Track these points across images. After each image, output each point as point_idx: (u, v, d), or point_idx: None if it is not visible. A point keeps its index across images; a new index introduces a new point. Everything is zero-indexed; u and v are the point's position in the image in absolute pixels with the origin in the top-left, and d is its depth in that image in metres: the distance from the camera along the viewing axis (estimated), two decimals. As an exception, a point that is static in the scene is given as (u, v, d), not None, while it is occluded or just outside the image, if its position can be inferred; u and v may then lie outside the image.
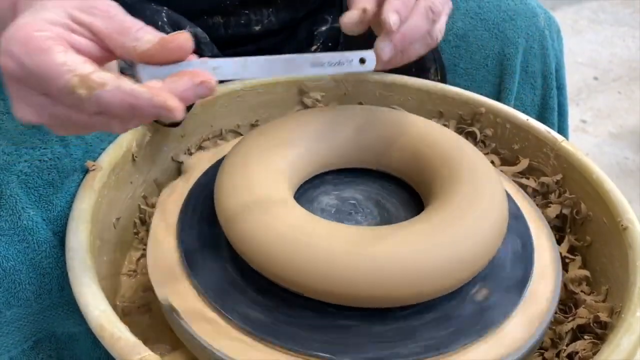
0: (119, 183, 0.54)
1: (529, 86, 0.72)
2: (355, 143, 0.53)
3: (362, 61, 0.46)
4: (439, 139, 0.51)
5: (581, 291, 0.51)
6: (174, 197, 0.53)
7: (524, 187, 0.59)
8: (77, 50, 0.37)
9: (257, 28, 0.68)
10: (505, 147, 0.63)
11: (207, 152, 0.60)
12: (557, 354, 0.47)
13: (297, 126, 0.52)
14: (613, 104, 1.76)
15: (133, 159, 0.55)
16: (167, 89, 0.37)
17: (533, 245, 0.50)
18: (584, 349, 0.45)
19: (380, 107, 0.56)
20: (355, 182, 0.54)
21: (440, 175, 0.48)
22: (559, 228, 0.57)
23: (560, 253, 0.52)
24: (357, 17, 0.48)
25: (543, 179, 0.59)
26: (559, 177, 0.57)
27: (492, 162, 0.62)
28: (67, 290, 0.45)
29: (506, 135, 0.62)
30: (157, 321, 0.49)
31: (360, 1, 0.48)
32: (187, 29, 0.61)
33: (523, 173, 0.61)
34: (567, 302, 0.50)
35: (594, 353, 0.44)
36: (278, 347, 0.41)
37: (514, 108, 0.63)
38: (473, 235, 0.43)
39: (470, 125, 0.64)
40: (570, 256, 0.54)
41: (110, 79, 0.35)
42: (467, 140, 0.52)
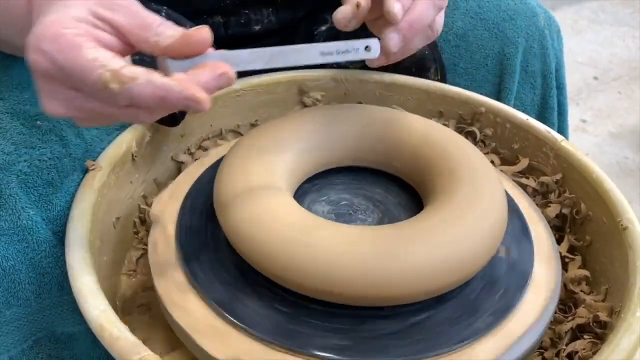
0: (119, 183, 0.54)
1: (529, 86, 0.72)
2: (355, 142, 0.53)
3: (368, 49, 0.47)
4: (439, 138, 0.51)
5: (581, 291, 0.51)
6: (173, 199, 0.53)
7: (523, 186, 0.59)
8: (103, 46, 0.38)
9: (257, 28, 0.68)
10: (505, 146, 0.63)
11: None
12: (557, 354, 0.47)
13: (296, 125, 0.52)
14: (613, 103, 1.76)
15: (133, 158, 0.55)
16: (193, 81, 0.38)
17: (532, 244, 0.50)
18: (583, 349, 0.45)
19: (380, 107, 0.56)
20: (355, 181, 0.54)
21: (440, 174, 0.48)
22: (559, 228, 0.57)
23: (560, 253, 0.52)
24: (350, 12, 0.47)
25: (543, 178, 0.59)
26: (558, 176, 0.57)
27: (492, 161, 0.62)
28: (67, 289, 0.45)
29: (506, 134, 0.62)
30: (157, 321, 0.49)
31: None
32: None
33: (523, 173, 0.61)
34: (567, 302, 0.50)
35: (594, 353, 0.44)
36: (278, 347, 0.41)
37: (513, 108, 0.63)
38: (473, 235, 0.43)
39: (470, 125, 0.64)
40: (570, 256, 0.54)
41: (141, 72, 0.37)
42: (467, 140, 0.52)
